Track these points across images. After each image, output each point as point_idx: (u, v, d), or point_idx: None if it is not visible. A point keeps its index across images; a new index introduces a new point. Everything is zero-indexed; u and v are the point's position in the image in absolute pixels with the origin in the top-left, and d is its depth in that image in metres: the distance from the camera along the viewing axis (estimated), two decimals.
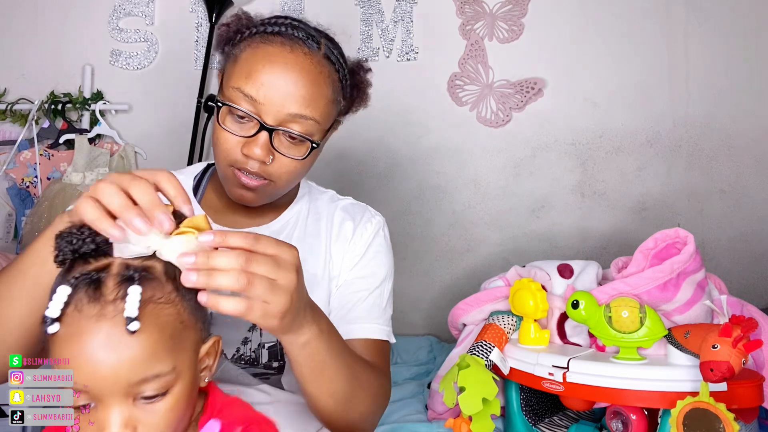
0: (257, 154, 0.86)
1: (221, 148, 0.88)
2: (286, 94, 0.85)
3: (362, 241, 1.02)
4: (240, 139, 0.87)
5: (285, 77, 0.85)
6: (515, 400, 1.21)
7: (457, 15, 2.14)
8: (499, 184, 2.13)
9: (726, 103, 2.05)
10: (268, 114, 0.85)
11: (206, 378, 0.66)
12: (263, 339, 0.93)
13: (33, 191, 2.07)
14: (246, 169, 0.88)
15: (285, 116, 0.86)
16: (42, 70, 2.16)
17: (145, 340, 0.57)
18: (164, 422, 0.59)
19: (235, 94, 0.86)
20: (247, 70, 0.86)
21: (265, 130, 0.86)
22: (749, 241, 2.04)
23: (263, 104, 0.85)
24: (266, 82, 0.85)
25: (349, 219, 1.04)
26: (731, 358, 0.90)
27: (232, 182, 0.90)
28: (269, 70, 0.85)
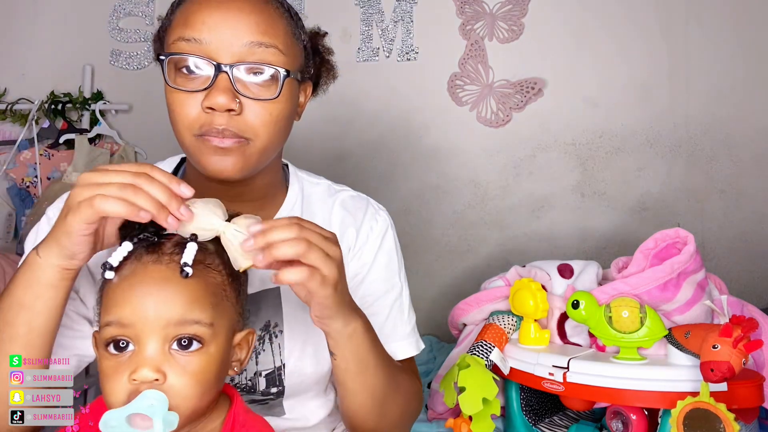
0: (221, 102, 0.72)
1: (180, 114, 0.75)
2: (236, 23, 0.73)
3: (369, 249, 0.92)
4: (198, 97, 0.74)
5: (228, 7, 0.74)
6: (515, 400, 1.21)
7: (457, 15, 2.14)
8: (499, 184, 2.13)
9: (726, 103, 2.05)
10: (220, 53, 0.73)
11: (236, 368, 0.67)
12: (259, 367, 0.87)
13: (33, 191, 2.07)
14: (214, 130, 0.74)
15: (241, 49, 0.73)
16: (42, 70, 2.16)
17: (192, 286, 0.61)
18: (191, 380, 0.60)
19: (177, 46, 0.74)
20: (183, 18, 0.75)
21: (223, 72, 0.73)
22: (749, 241, 2.04)
23: (211, 42, 0.73)
24: (208, 18, 0.73)
25: (351, 223, 0.92)
26: (731, 358, 0.90)
27: (203, 152, 0.76)
28: (207, 4, 0.74)
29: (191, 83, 0.74)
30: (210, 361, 0.61)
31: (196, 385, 0.60)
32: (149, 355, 0.59)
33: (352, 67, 2.14)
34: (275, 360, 0.87)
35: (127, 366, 0.59)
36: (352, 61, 2.14)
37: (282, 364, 0.87)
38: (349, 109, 2.13)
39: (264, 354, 0.87)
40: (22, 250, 2.11)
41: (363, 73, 2.14)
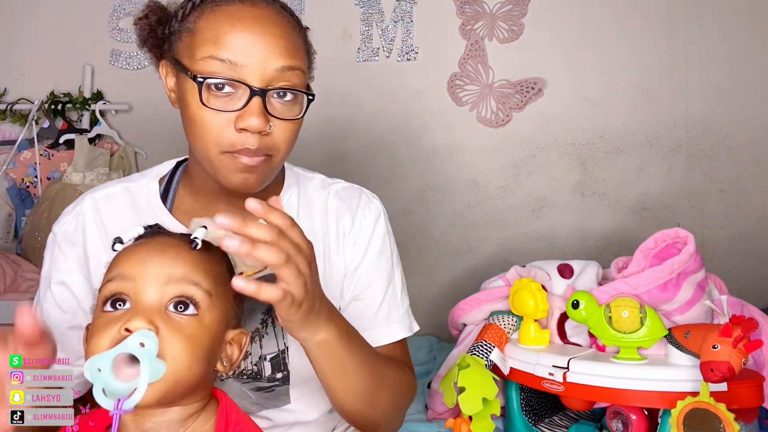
0: (255, 124, 0.74)
1: (210, 133, 0.76)
2: (267, 47, 0.75)
3: (362, 236, 0.94)
4: (229, 116, 0.75)
5: (261, 31, 0.76)
6: (515, 400, 1.21)
7: (457, 15, 2.14)
8: (499, 184, 2.13)
9: (726, 103, 2.05)
10: (252, 76, 0.75)
11: (226, 363, 0.67)
12: (264, 351, 0.89)
13: (33, 191, 2.07)
14: (245, 149, 0.76)
15: (273, 73, 0.76)
16: (42, 70, 2.16)
17: (197, 255, 0.64)
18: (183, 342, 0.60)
19: (208, 65, 0.75)
20: (213, 35, 0.75)
21: (257, 95, 0.75)
22: (749, 241, 2.04)
23: (245, 66, 0.75)
24: (241, 40, 0.75)
25: (346, 210, 0.94)
26: (731, 358, 0.90)
27: (230, 169, 0.78)
28: (241, 27, 0.75)
29: (221, 101, 0.76)
30: (203, 330, 0.62)
31: (187, 349, 0.60)
32: (145, 308, 0.60)
33: (352, 67, 2.14)
34: (278, 343, 0.88)
35: (119, 319, 0.59)
36: (352, 61, 2.14)
37: (285, 347, 0.88)
38: (349, 109, 2.13)
39: (267, 337, 0.88)
40: (22, 250, 2.12)
41: (363, 73, 2.14)
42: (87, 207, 0.90)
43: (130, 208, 0.89)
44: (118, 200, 0.91)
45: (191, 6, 0.80)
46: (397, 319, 0.95)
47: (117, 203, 0.90)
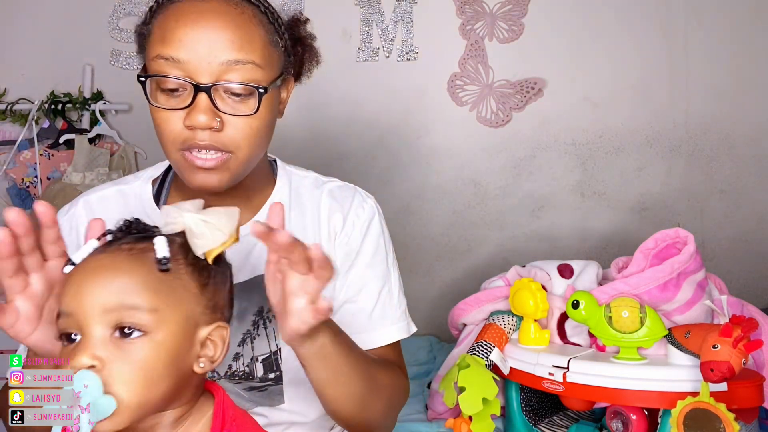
0: (201, 121, 0.74)
1: (164, 130, 0.77)
2: (211, 42, 0.74)
3: (355, 236, 0.92)
4: (180, 114, 0.75)
5: (204, 25, 0.75)
6: (515, 400, 1.22)
7: (457, 15, 2.14)
8: (499, 184, 2.13)
9: (726, 103, 2.05)
10: (198, 72, 0.74)
11: (205, 364, 0.62)
12: (255, 352, 0.88)
13: (33, 191, 2.07)
14: (197, 146, 0.76)
15: (218, 68, 0.75)
16: (42, 70, 2.16)
17: (131, 271, 0.60)
18: (133, 368, 0.57)
19: (156, 64, 0.75)
20: (161, 35, 0.76)
21: (202, 91, 0.74)
22: (749, 241, 2.04)
23: (189, 62, 0.74)
24: (184, 36, 0.74)
25: (338, 209, 0.93)
26: (731, 358, 0.90)
27: (188, 169, 0.78)
28: (184, 22, 0.75)
29: (172, 101, 0.76)
30: (156, 349, 0.58)
31: (139, 373, 0.57)
32: (88, 342, 0.58)
33: (352, 67, 2.14)
34: (270, 344, 0.88)
35: (69, 356, 0.58)
36: (352, 61, 2.14)
37: (278, 348, 0.88)
38: (349, 109, 2.13)
39: (259, 339, 0.87)
40: None
41: (363, 73, 2.14)
42: (80, 209, 0.90)
43: (124, 211, 0.88)
44: (111, 202, 0.90)
45: (153, 8, 0.80)
46: (393, 320, 0.94)
47: (111, 206, 0.90)
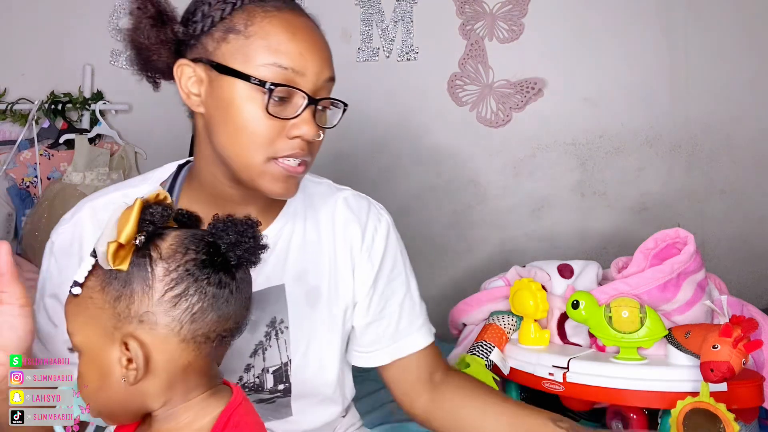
0: (312, 132, 0.76)
1: (261, 140, 0.76)
2: (321, 58, 0.78)
3: (376, 252, 0.92)
4: (282, 124, 0.76)
5: (315, 40, 0.78)
6: None
7: (457, 15, 2.14)
8: (499, 184, 2.13)
9: (726, 103, 2.05)
10: (307, 85, 0.76)
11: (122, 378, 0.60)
12: (266, 363, 0.87)
13: (33, 191, 2.07)
14: (293, 155, 0.77)
15: (322, 83, 0.79)
16: (42, 70, 2.16)
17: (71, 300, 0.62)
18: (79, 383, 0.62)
19: (270, 71, 0.75)
20: (274, 41, 0.75)
21: (313, 104, 0.77)
22: (749, 241, 2.03)
23: (304, 74, 0.76)
24: (303, 50, 0.76)
25: (354, 220, 0.92)
26: (731, 358, 0.90)
27: (274, 177, 0.78)
28: (301, 36, 0.77)
29: (277, 109, 0.76)
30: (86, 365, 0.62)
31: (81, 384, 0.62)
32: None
33: (352, 67, 2.14)
34: (281, 356, 0.87)
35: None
36: (352, 61, 2.14)
37: (288, 360, 0.87)
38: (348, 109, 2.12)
39: (270, 350, 0.87)
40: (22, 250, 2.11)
41: (363, 73, 2.14)
42: (86, 216, 0.86)
43: None
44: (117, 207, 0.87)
45: (231, 7, 0.77)
46: (418, 327, 0.95)
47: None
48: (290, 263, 0.88)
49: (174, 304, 0.59)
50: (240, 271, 0.63)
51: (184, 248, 0.60)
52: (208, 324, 0.60)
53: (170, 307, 0.59)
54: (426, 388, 0.93)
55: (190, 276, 0.59)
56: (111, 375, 0.60)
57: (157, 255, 0.59)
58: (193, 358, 0.61)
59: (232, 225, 0.62)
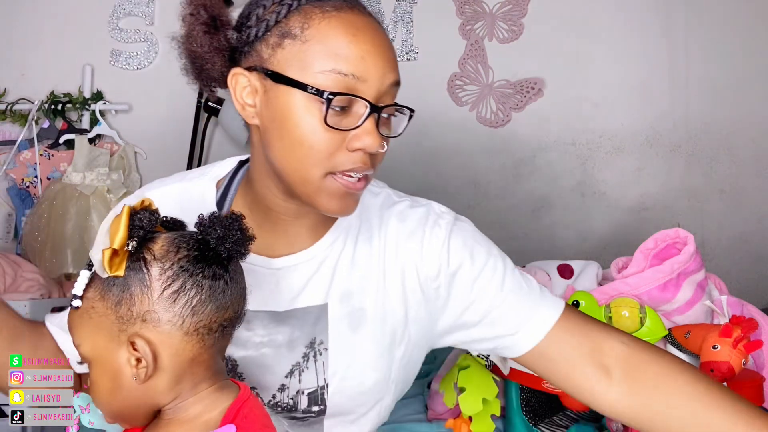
0: (375, 144, 0.70)
1: (320, 154, 0.69)
2: (384, 60, 0.70)
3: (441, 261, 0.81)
4: (342, 135, 0.69)
5: (379, 42, 0.71)
6: (515, 401, 1.21)
7: (457, 15, 2.14)
8: (499, 184, 2.13)
9: (726, 103, 2.05)
10: (369, 92, 0.69)
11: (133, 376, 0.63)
12: (302, 386, 0.82)
13: (33, 191, 2.07)
14: (355, 170, 0.70)
15: (386, 89, 0.71)
16: (42, 70, 2.16)
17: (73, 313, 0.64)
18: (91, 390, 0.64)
19: (329, 79, 0.68)
20: (333, 45, 0.68)
21: (377, 112, 0.70)
22: (749, 241, 2.04)
23: (366, 81, 0.69)
24: (365, 53, 0.69)
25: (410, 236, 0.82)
26: (731, 358, 0.90)
27: (332, 193, 0.71)
28: (362, 38, 0.69)
29: (336, 119, 0.69)
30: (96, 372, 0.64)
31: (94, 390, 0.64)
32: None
33: None
34: (318, 379, 0.82)
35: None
36: None
37: (325, 384, 0.82)
38: None
39: (307, 372, 0.82)
40: (22, 250, 2.11)
41: None
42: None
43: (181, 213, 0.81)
44: (172, 201, 0.81)
45: (287, 9, 0.70)
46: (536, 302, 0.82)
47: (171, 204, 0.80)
48: (336, 282, 0.81)
49: (173, 300, 0.61)
50: (232, 263, 0.65)
51: (176, 247, 0.62)
52: (208, 315, 0.63)
53: (170, 303, 0.61)
54: (598, 374, 0.79)
55: (185, 272, 0.62)
56: (122, 376, 0.62)
57: (150, 257, 0.62)
58: (198, 350, 0.63)
59: (218, 221, 0.63)
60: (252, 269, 0.76)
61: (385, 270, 0.82)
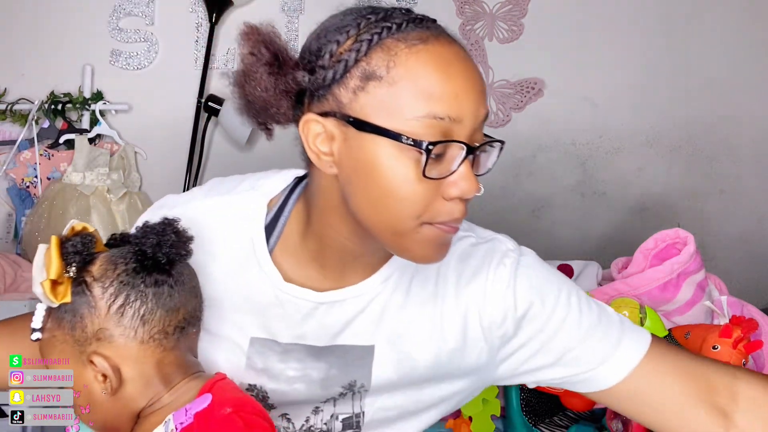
0: (472, 190, 0.62)
1: (418, 206, 0.62)
2: (477, 95, 0.62)
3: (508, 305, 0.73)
4: (437, 184, 0.61)
5: (471, 76, 0.62)
6: (515, 401, 1.21)
7: (457, 15, 2.14)
8: (499, 184, 2.13)
9: (726, 103, 2.05)
10: (464, 132, 0.61)
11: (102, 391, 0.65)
12: (337, 410, 0.77)
13: (33, 191, 2.07)
14: (452, 221, 0.63)
15: (478, 125, 0.63)
16: (42, 70, 2.16)
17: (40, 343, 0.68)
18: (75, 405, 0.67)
19: (424, 125, 0.60)
20: (423, 85, 0.60)
21: (473, 153, 0.62)
22: (749, 241, 2.04)
23: (461, 121, 0.61)
24: (459, 90, 0.61)
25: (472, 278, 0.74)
26: (731, 359, 0.90)
27: (429, 243, 0.64)
28: (454, 73, 0.61)
29: (433, 167, 0.61)
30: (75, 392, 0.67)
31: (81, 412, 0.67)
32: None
33: None
34: (354, 406, 0.77)
35: None
36: None
37: (362, 411, 0.77)
38: None
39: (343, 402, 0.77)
40: (22, 250, 2.11)
41: None
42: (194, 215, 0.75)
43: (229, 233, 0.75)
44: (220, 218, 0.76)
45: (368, 45, 0.61)
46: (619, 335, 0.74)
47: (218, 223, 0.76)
48: (385, 322, 0.74)
49: (121, 314, 0.64)
50: (175, 267, 0.67)
51: (113, 264, 0.65)
52: (160, 321, 0.65)
53: (118, 318, 0.64)
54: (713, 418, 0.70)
55: (127, 285, 0.64)
56: (94, 393, 0.66)
57: (90, 278, 0.64)
58: (160, 354, 0.66)
59: (150, 229, 0.66)
60: (293, 301, 0.73)
61: (443, 315, 0.74)
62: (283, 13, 2.05)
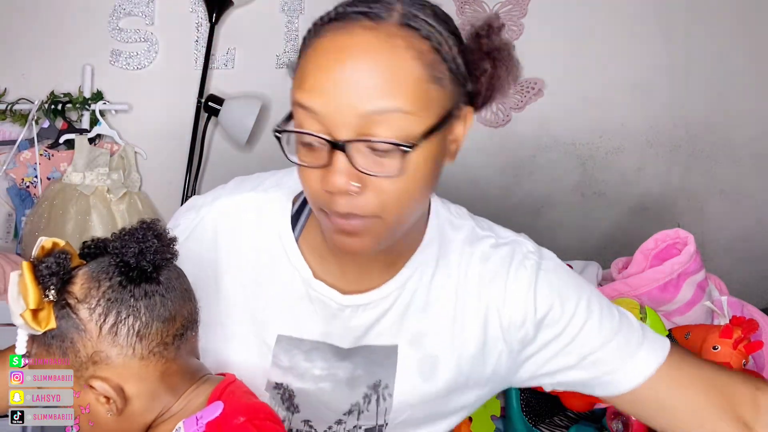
0: (338, 184, 0.60)
1: (306, 189, 0.65)
2: (351, 89, 0.59)
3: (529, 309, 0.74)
4: (318, 171, 0.62)
5: (343, 67, 0.59)
6: (515, 401, 1.21)
7: (457, 15, 2.14)
8: (499, 184, 2.13)
9: (726, 103, 2.05)
10: (337, 125, 0.59)
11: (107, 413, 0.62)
12: (360, 422, 0.77)
13: (33, 191, 2.07)
14: (336, 213, 0.62)
15: (359, 120, 0.59)
16: (42, 70, 2.16)
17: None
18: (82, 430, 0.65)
19: (295, 113, 0.62)
20: (300, 76, 0.62)
21: (338, 149, 0.60)
22: (749, 241, 2.04)
23: (327, 113, 0.59)
24: (323, 81, 0.60)
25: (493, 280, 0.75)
26: (732, 359, 0.90)
27: (329, 230, 0.66)
28: (324, 64, 0.60)
29: (310, 156, 0.63)
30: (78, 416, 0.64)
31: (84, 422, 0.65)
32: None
33: None
34: (378, 419, 0.78)
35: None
36: None
37: (384, 423, 0.78)
38: None
39: (367, 414, 0.78)
40: (22, 250, 2.11)
41: None
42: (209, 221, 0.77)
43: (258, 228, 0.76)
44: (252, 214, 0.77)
45: (306, 37, 0.65)
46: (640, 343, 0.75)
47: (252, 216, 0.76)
48: (408, 322, 0.75)
49: (114, 334, 0.60)
50: (163, 273, 0.63)
51: (96, 282, 0.60)
52: (157, 333, 0.61)
53: (112, 338, 0.60)
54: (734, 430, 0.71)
55: (115, 302, 0.60)
56: (99, 415, 0.63)
57: (74, 300, 0.60)
58: (162, 366, 0.63)
59: (130, 236, 0.61)
60: (321, 299, 0.74)
61: (465, 315, 0.75)
62: (283, 13, 2.05)
